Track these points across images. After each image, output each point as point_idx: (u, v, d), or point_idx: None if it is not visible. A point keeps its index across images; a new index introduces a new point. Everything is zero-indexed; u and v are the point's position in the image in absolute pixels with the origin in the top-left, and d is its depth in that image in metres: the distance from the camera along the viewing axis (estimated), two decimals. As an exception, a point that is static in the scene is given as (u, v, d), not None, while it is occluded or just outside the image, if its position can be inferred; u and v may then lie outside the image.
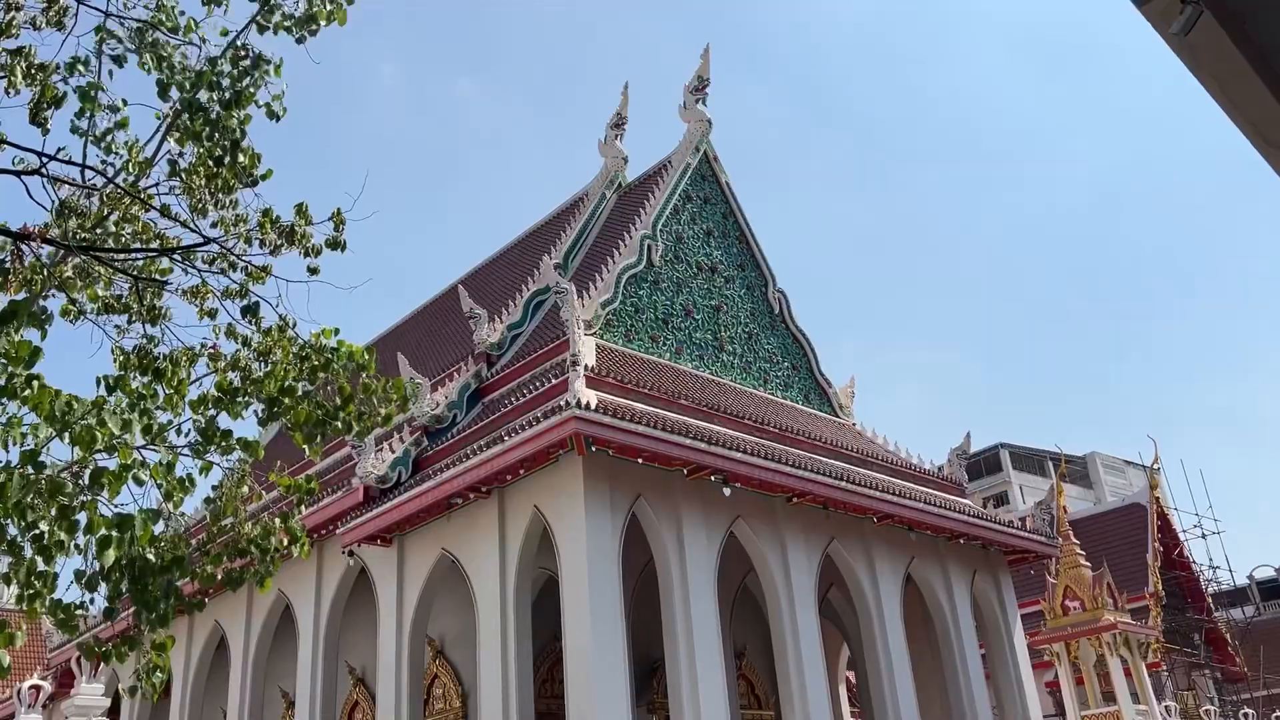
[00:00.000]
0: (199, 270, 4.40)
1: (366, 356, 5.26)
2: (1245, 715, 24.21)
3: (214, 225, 4.45)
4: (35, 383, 4.60)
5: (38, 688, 13.30)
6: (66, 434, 4.63)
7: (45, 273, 4.33)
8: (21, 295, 4.48)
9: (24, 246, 4.11)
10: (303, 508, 5.26)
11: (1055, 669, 24.34)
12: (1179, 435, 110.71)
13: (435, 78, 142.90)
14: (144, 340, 4.58)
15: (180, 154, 4.91)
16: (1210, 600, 33.59)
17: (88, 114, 4.49)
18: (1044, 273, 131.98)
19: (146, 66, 4.66)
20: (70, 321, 4.66)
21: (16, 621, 4.61)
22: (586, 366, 15.35)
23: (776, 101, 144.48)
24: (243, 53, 4.88)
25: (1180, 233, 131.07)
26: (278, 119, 5.12)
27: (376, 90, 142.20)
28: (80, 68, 4.46)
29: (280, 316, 4.56)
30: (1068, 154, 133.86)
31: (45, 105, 3.94)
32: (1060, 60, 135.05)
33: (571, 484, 14.41)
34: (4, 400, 4.68)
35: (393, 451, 17.12)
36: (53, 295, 5.28)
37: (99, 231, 4.49)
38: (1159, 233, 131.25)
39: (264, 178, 4.90)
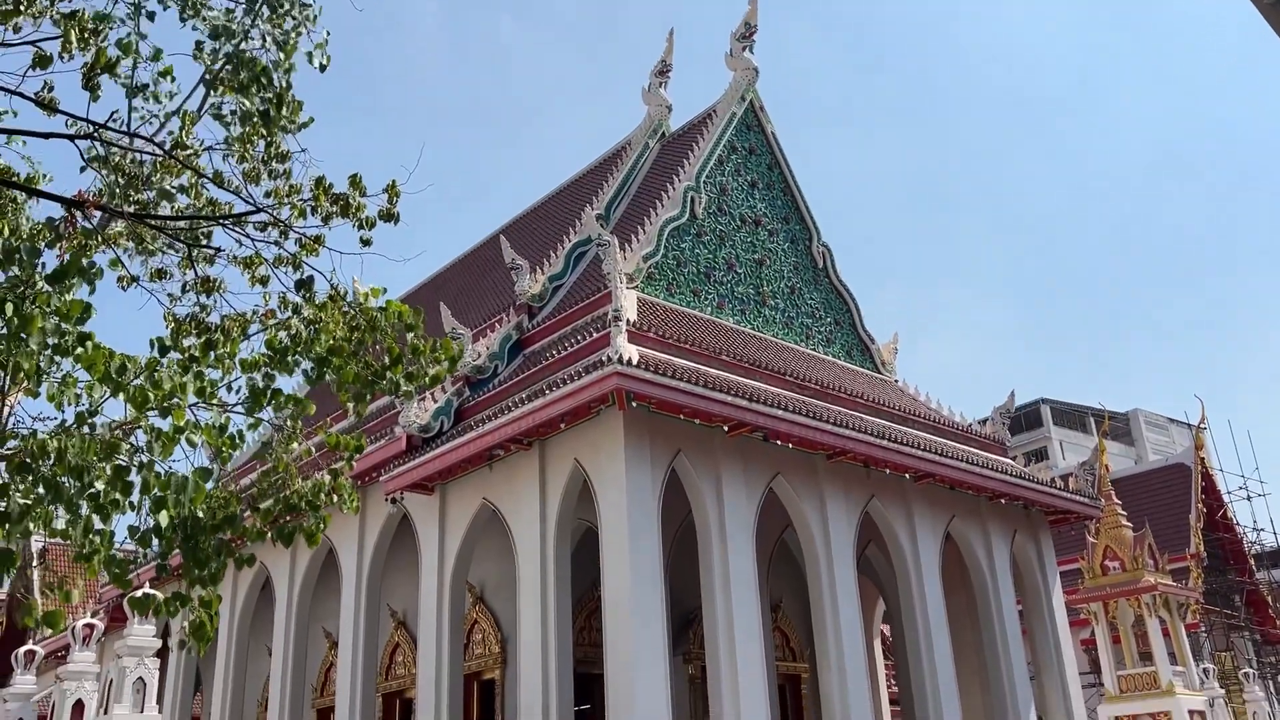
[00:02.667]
0: (251, 238, 4.38)
1: (414, 317, 5.22)
2: (1285, 679, 23.98)
3: (267, 195, 4.42)
4: (89, 342, 4.62)
5: (91, 626, 13.65)
6: (120, 394, 4.65)
7: (97, 237, 4.32)
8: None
9: (77, 213, 4.11)
10: (352, 464, 5.30)
11: (1092, 627, 24.26)
12: (1227, 394, 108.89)
13: (477, 17, 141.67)
14: (197, 308, 4.59)
15: (221, 104, 4.85)
16: (1253, 562, 33.24)
17: (129, 65, 4.43)
18: (1096, 223, 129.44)
19: (186, 17, 4.59)
20: (123, 289, 4.67)
21: (73, 579, 4.71)
22: (628, 321, 15.30)
23: (823, 46, 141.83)
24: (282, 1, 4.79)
25: (1237, 187, 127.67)
26: (323, 69, 5.03)
27: (418, 31, 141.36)
28: (119, 20, 4.39)
29: (333, 286, 4.53)
30: (1126, 103, 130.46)
31: (98, 70, 3.91)
32: (1120, 7, 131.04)
33: (612, 438, 14.44)
34: (58, 359, 4.71)
35: (435, 401, 17.25)
36: (103, 251, 5.30)
37: (150, 194, 4.47)
38: (1215, 186, 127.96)
39: (304, 125, 4.82)
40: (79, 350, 4.61)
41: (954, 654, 18.18)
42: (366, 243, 4.60)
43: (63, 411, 4.73)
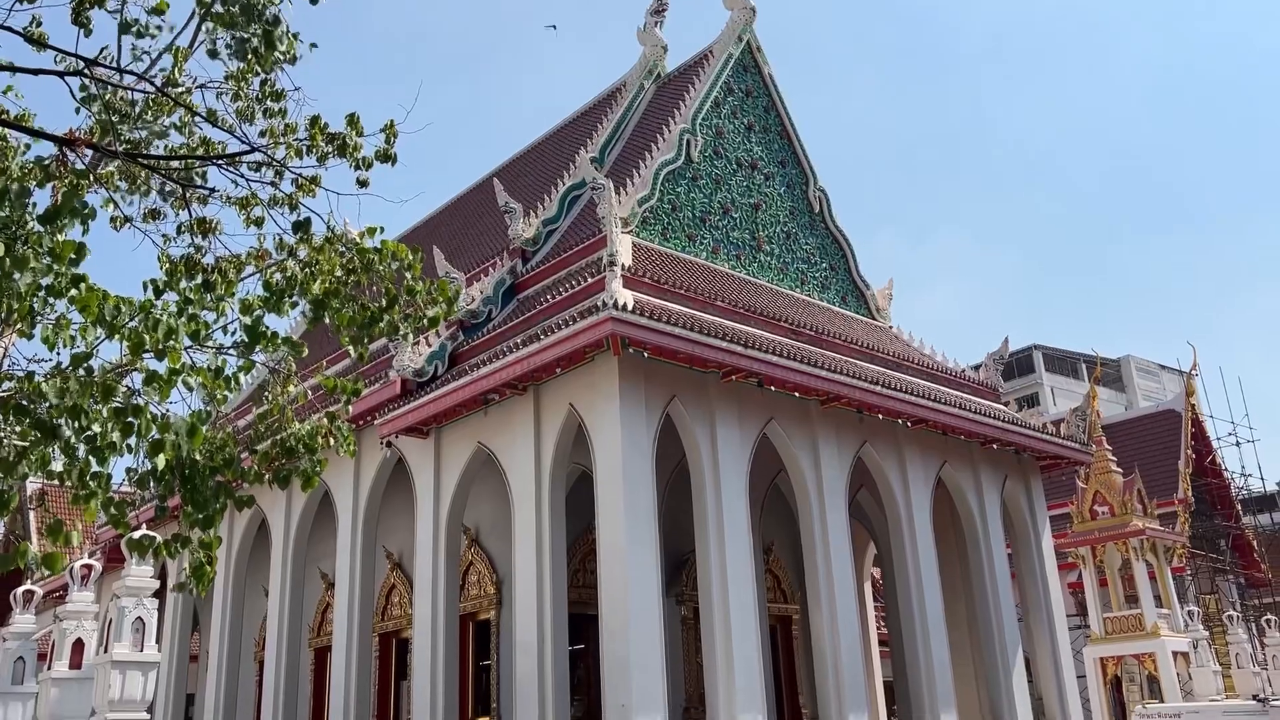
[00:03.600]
0: (245, 178, 4.31)
1: (411, 256, 5.15)
2: (1269, 621, 24.43)
3: (261, 135, 4.33)
4: (83, 284, 4.57)
5: (89, 566, 13.72)
6: (116, 336, 4.62)
7: (90, 176, 4.24)
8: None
9: (69, 152, 4.03)
10: (349, 408, 5.27)
11: (1080, 571, 24.61)
12: (1220, 341, 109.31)
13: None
14: (192, 249, 4.53)
15: (215, 40, 4.74)
16: (1239, 507, 33.66)
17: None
18: (1093, 169, 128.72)
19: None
20: (116, 229, 4.61)
21: (71, 521, 4.70)
22: (623, 266, 15.23)
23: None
24: None
25: (1236, 132, 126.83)
26: (315, 1, 4.92)
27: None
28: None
29: (329, 228, 4.46)
30: (1124, 49, 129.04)
31: (87, 5, 3.81)
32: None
33: (607, 383, 14.46)
34: (52, 300, 4.67)
35: (429, 345, 17.21)
36: (94, 191, 5.21)
37: (142, 132, 4.39)
38: (1214, 132, 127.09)
39: (301, 55, 4.70)
40: (73, 292, 4.56)
41: (943, 597, 18.43)
42: (363, 184, 4.52)
43: (57, 354, 4.69)
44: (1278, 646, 23.77)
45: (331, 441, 5.69)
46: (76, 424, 4.55)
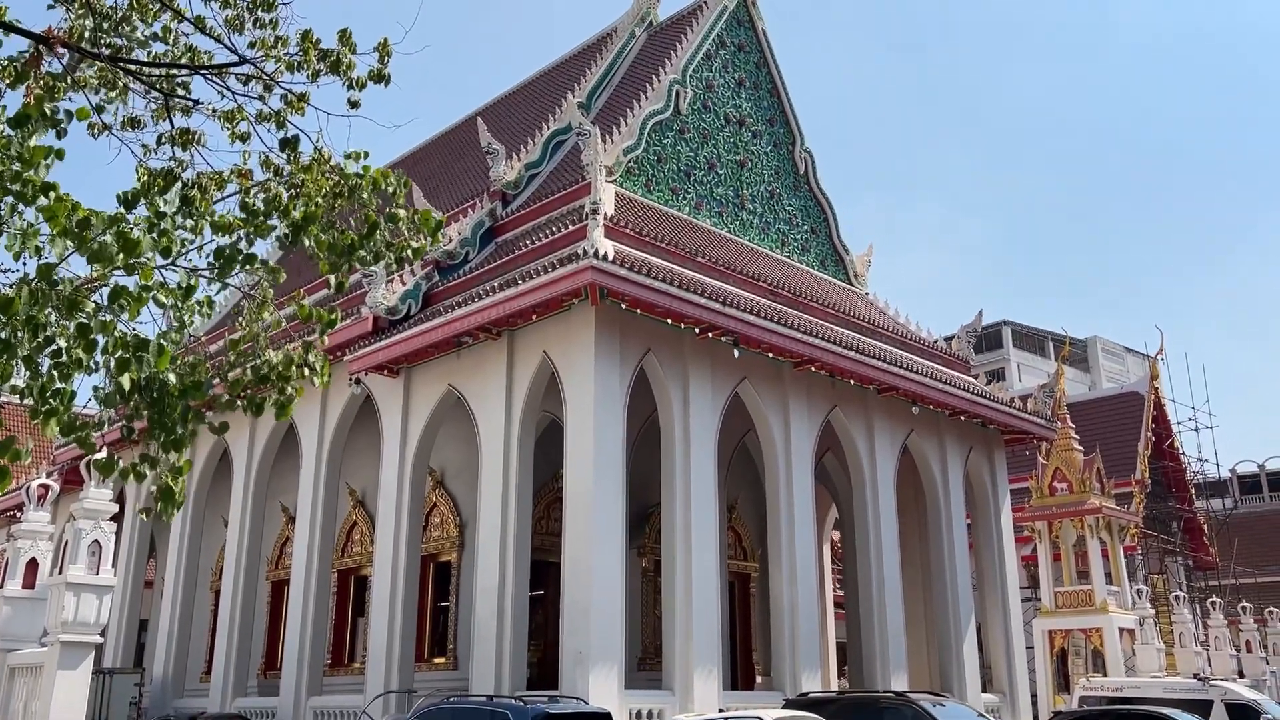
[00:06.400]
0: (232, 91, 4.12)
1: (396, 182, 4.97)
2: (1214, 603, 24.97)
3: (251, 46, 4.14)
4: (52, 193, 4.38)
5: (46, 487, 13.53)
6: (85, 249, 4.44)
7: (67, 79, 4.04)
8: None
9: (45, 53, 3.83)
10: (325, 338, 5.14)
11: (1034, 544, 25.01)
12: (1187, 326, 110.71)
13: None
14: (172, 162, 4.34)
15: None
16: (1193, 491, 34.30)
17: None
18: (1076, 147, 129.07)
19: None
20: (93, 136, 4.41)
21: (23, 438, 4.53)
22: (605, 215, 15.05)
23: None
24: None
25: (1219, 117, 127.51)
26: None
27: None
28: None
29: (317, 149, 4.29)
30: (1110, 28, 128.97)
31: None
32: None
33: (582, 333, 14.35)
34: (21, 208, 4.48)
35: (403, 284, 16.99)
36: (70, 99, 4.99)
37: (122, 41, 4.18)
38: (1197, 114, 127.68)
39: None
40: (40, 200, 4.37)
41: (901, 563, 18.63)
42: (355, 104, 4.35)
43: (23, 264, 4.52)
44: (1220, 628, 24.33)
45: (307, 372, 5.54)
46: (35, 338, 4.38)
